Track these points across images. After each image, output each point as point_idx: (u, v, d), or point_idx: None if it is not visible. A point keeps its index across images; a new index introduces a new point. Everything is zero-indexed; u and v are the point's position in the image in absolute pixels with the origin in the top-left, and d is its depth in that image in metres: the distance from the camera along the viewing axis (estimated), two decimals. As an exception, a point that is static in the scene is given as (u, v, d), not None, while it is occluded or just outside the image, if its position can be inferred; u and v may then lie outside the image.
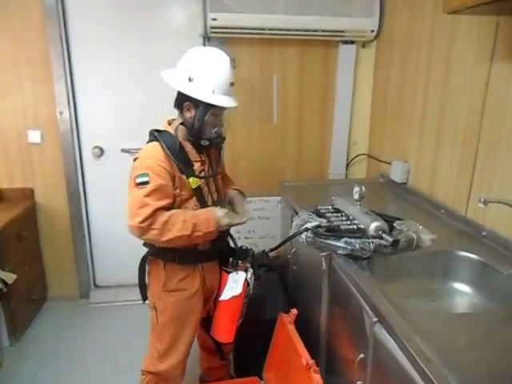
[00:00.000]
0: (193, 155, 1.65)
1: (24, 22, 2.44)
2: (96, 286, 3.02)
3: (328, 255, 1.57)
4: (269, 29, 2.49)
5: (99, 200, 2.83)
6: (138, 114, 2.70)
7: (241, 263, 1.75)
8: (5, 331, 2.40)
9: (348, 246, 1.44)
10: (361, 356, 1.26)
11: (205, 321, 1.88)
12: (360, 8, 2.50)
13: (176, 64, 1.61)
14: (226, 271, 1.75)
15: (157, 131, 1.63)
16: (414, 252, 1.51)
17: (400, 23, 2.36)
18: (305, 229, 1.57)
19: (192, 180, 1.61)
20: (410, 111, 2.23)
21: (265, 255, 1.79)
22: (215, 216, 1.58)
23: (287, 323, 1.79)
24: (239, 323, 1.77)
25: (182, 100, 1.59)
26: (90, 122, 2.71)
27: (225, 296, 1.71)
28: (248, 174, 2.87)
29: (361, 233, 1.53)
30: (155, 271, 1.72)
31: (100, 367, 2.32)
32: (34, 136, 2.61)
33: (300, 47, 2.68)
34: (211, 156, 1.74)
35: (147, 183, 1.50)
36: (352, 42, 2.67)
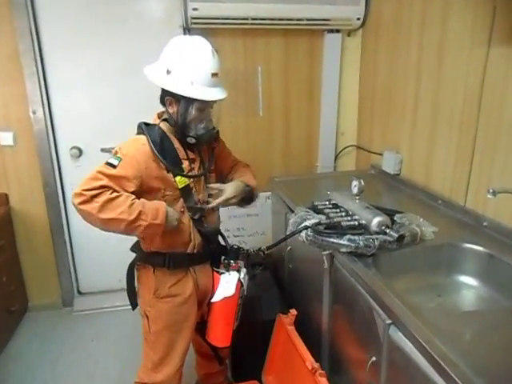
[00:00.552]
0: (181, 153, 1.54)
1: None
2: (80, 293, 2.88)
3: (330, 253, 1.50)
4: (252, 18, 2.39)
5: (79, 203, 2.67)
6: (118, 112, 2.56)
7: (233, 263, 1.67)
8: (-16, 347, 2.26)
9: (352, 244, 1.38)
10: (373, 359, 1.20)
11: (199, 325, 1.79)
12: (345, -5, 2.43)
13: (158, 57, 1.50)
14: (218, 272, 1.67)
15: (146, 124, 1.52)
16: (418, 246, 1.46)
17: (387, 9, 2.29)
18: (304, 227, 1.49)
19: (179, 179, 1.50)
20: (401, 100, 2.18)
21: (260, 254, 1.71)
22: (164, 206, 1.44)
23: (287, 324, 1.72)
24: (235, 326, 1.70)
25: (164, 95, 1.49)
26: (67, 122, 2.56)
27: (217, 297, 1.63)
28: (235, 170, 2.77)
29: (362, 229, 1.47)
30: (144, 277, 1.63)
31: (89, 380, 2.20)
32: (6, 138, 2.45)
33: (284, 37, 2.59)
34: (204, 154, 1.64)
35: (114, 167, 1.39)
36: (337, 31, 2.60)
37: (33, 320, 2.70)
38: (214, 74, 1.47)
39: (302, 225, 1.51)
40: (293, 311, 1.73)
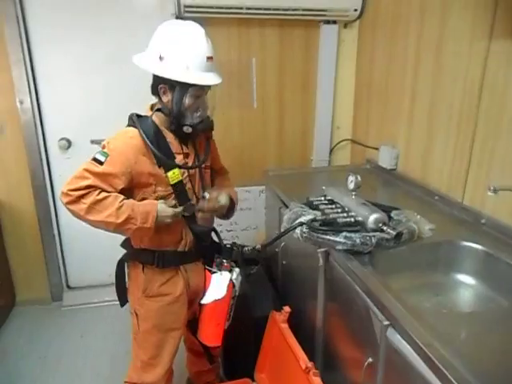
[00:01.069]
0: (175, 147, 1.48)
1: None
2: (69, 288, 2.82)
3: (325, 251, 1.46)
4: (247, 8, 2.32)
5: (68, 196, 2.61)
6: (108, 102, 2.49)
7: (225, 262, 1.62)
8: (-31, 343, 2.20)
9: (348, 241, 1.34)
10: (369, 360, 1.17)
11: (191, 323, 1.75)
12: (342, -15, 2.38)
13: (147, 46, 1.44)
14: (210, 271, 1.63)
15: (137, 116, 1.45)
16: (415, 244, 1.43)
17: (386, 1, 2.24)
18: (299, 223, 1.45)
19: (171, 174, 1.44)
20: (398, 93, 2.13)
21: (255, 252, 1.67)
22: (155, 210, 1.38)
23: (280, 322, 1.69)
24: (227, 326, 1.66)
25: (157, 83, 1.41)
26: (55, 112, 2.48)
27: (206, 299, 1.59)
28: (228, 163, 2.65)
29: (359, 226, 1.43)
30: (134, 275, 1.58)
31: (78, 376, 2.16)
32: (-8, 128, 2.37)
33: (280, 28, 2.53)
34: (198, 147, 1.57)
35: (101, 163, 1.34)
36: (334, 22, 2.54)
37: (20, 315, 2.64)
38: (209, 58, 1.40)
39: (297, 221, 1.47)
40: (286, 308, 1.69)
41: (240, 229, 2.83)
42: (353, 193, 1.59)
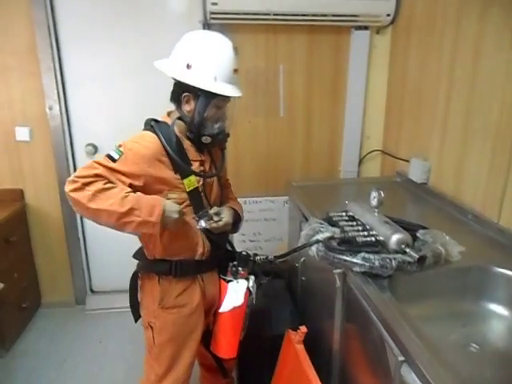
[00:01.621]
0: (191, 154, 1.45)
1: (9, 8, 2.24)
2: (92, 292, 2.85)
3: (343, 271, 1.37)
4: (274, 14, 2.27)
5: (94, 200, 2.64)
6: (135, 109, 2.49)
7: (241, 270, 1.57)
8: (-7, 342, 2.25)
9: (366, 263, 1.24)
10: (383, 396, 1.07)
11: (204, 335, 1.70)
12: (374, -11, 2.27)
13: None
14: (225, 280, 1.57)
15: (155, 121, 1.44)
16: (442, 268, 1.31)
17: (420, 6, 2.12)
18: (315, 241, 1.37)
19: (187, 182, 1.41)
20: (432, 104, 2.00)
21: (268, 263, 1.60)
22: (162, 204, 1.33)
23: (295, 343, 1.60)
24: (242, 336, 1.60)
25: (180, 91, 1.40)
26: (83, 118, 2.52)
27: (225, 307, 1.53)
28: (253, 172, 2.67)
29: (380, 246, 1.32)
30: (149, 287, 1.54)
31: (93, 383, 2.16)
32: (23, 133, 2.43)
33: (309, 34, 2.46)
34: (214, 156, 1.55)
35: (114, 161, 1.31)
36: (366, 28, 2.44)
37: (45, 317, 2.69)
38: (235, 70, 1.40)
39: (314, 238, 1.39)
40: (303, 328, 1.60)
41: (263, 239, 2.76)
42: (375, 209, 1.48)
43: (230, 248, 1.67)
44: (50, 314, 2.70)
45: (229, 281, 1.56)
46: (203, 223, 1.43)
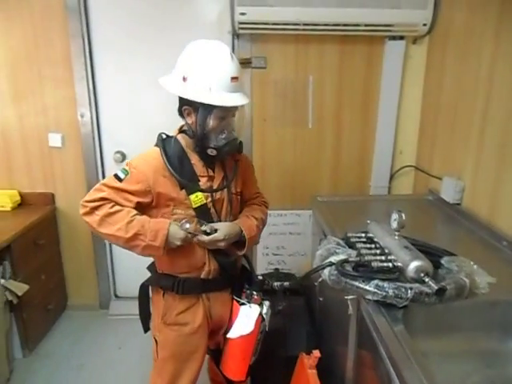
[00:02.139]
0: (199, 169, 1.42)
1: (45, 19, 2.33)
2: (116, 297, 2.89)
3: (356, 298, 1.29)
4: (304, 24, 2.22)
5: (121, 207, 2.68)
6: (163, 119, 2.48)
7: (255, 295, 1.51)
8: (17, 342, 2.30)
9: (379, 291, 1.15)
10: None
11: (215, 353, 1.66)
12: (411, -2, 2.17)
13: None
14: (238, 302, 1.52)
15: (166, 135, 1.43)
16: (466, 300, 1.19)
17: (458, 16, 2.00)
18: (328, 263, 1.29)
19: (194, 198, 1.38)
20: (468, 119, 1.87)
21: (281, 289, 1.54)
22: (166, 228, 1.31)
23: (307, 367, 1.52)
24: (252, 361, 1.55)
25: (181, 104, 1.38)
26: (112, 126, 2.57)
27: (233, 334, 1.48)
28: (278, 184, 2.62)
29: (397, 272, 1.23)
30: (155, 300, 1.55)
31: (108, 389, 2.17)
32: (55, 139, 2.50)
33: (340, 44, 2.38)
34: (227, 169, 1.48)
35: (120, 180, 1.33)
36: (401, 38, 2.33)
37: (70, 318, 2.75)
38: (234, 78, 1.33)
39: (327, 260, 1.31)
40: (316, 353, 1.52)
41: (287, 254, 2.69)
42: (396, 232, 1.39)
43: (248, 267, 1.61)
44: (75, 317, 2.75)
45: (242, 303, 1.51)
46: (187, 225, 1.36)
